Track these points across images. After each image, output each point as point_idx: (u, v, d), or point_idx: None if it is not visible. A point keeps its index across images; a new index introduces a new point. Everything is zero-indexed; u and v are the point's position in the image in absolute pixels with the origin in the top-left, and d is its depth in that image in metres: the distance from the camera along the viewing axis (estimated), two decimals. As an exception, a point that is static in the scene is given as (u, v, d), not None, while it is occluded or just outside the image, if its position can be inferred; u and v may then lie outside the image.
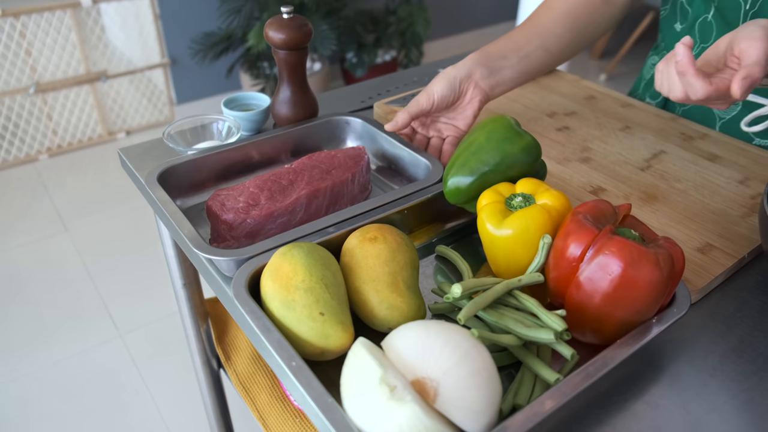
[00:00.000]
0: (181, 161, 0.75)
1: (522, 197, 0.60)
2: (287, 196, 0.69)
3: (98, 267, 1.97)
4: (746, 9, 0.77)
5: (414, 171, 0.77)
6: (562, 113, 0.91)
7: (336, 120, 0.85)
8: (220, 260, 0.60)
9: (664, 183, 0.75)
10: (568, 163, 0.79)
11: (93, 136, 2.62)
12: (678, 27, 0.90)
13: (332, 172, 0.73)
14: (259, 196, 0.68)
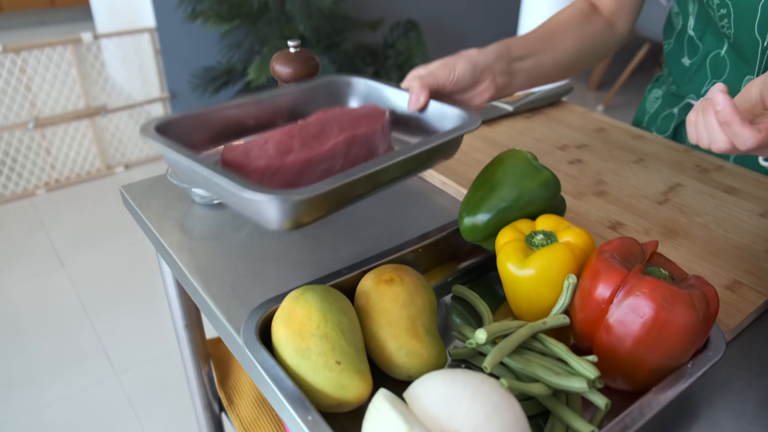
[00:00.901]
0: (175, 117, 0.66)
1: (543, 235, 0.58)
2: (323, 142, 0.61)
3: (95, 303, 1.93)
4: (764, 46, 0.75)
5: (440, 123, 0.69)
6: (573, 146, 0.89)
7: (338, 80, 0.75)
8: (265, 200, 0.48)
9: (683, 217, 0.73)
10: (583, 197, 0.77)
11: (91, 170, 2.60)
12: (687, 62, 0.89)
13: (360, 122, 0.65)
14: (290, 144, 0.59)
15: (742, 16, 0.75)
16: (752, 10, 0.73)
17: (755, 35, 0.75)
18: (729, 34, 0.79)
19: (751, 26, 0.75)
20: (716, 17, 0.79)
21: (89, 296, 1.96)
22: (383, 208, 0.80)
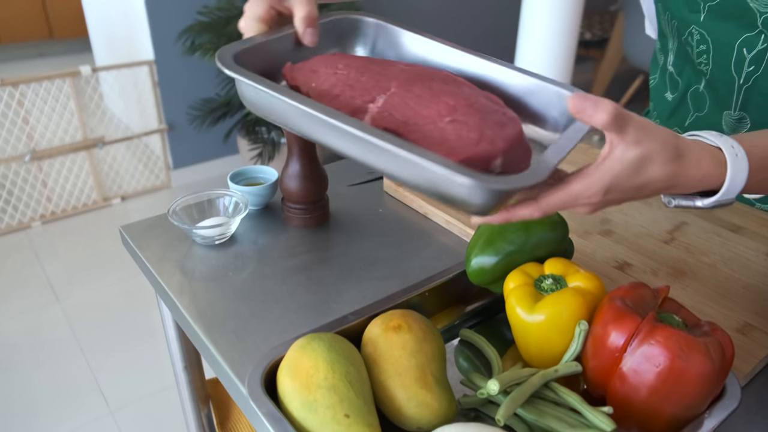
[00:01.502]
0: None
1: (552, 279, 0.57)
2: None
3: (90, 339, 1.90)
4: (740, 83, 0.75)
5: (544, 107, 0.58)
6: (576, 183, 0.89)
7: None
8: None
9: (690, 257, 0.73)
10: (589, 237, 0.77)
11: (88, 202, 2.59)
12: (669, 96, 0.89)
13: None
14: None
15: (720, 53, 0.75)
16: (729, 48, 0.74)
17: (732, 72, 0.76)
18: (706, 71, 0.79)
19: (728, 64, 0.75)
20: (694, 54, 0.79)
21: (84, 331, 1.93)
22: (386, 247, 0.79)
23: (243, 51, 0.56)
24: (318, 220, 0.83)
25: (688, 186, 0.50)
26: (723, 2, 0.70)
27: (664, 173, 0.48)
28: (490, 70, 0.61)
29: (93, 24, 3.21)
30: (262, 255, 0.78)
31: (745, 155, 0.50)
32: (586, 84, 3.88)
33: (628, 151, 0.47)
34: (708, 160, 0.49)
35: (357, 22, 0.66)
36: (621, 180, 0.47)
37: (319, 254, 0.78)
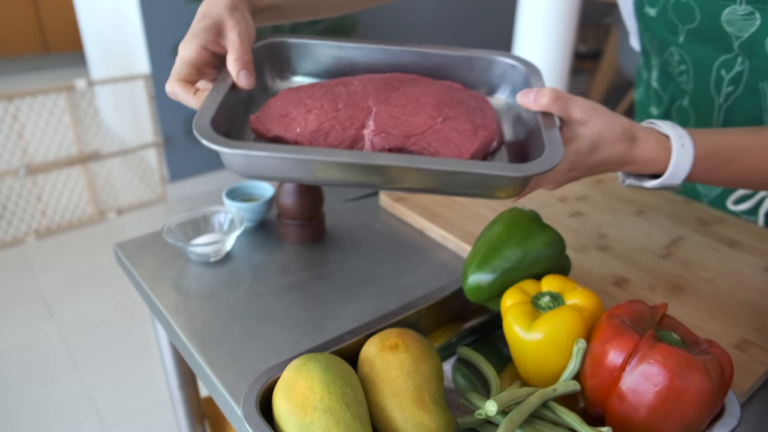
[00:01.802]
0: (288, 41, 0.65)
1: (550, 296, 0.57)
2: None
3: (84, 354, 1.89)
4: (720, 103, 0.76)
5: (478, 77, 0.64)
6: (572, 198, 0.89)
7: (498, 61, 0.65)
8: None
9: (688, 272, 0.72)
10: (586, 252, 0.76)
11: (83, 216, 2.58)
12: (654, 111, 0.90)
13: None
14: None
15: (700, 74, 0.76)
16: (708, 69, 0.74)
17: (711, 92, 0.76)
18: (688, 89, 0.80)
19: (708, 84, 0.76)
20: (675, 73, 0.80)
21: (78, 346, 1.92)
22: (383, 264, 0.78)
23: (214, 116, 0.52)
24: (314, 236, 0.83)
25: (637, 166, 0.56)
26: (700, 26, 0.70)
27: (615, 152, 0.54)
28: (418, 57, 0.65)
29: (88, 37, 3.22)
30: (257, 272, 0.77)
31: (692, 146, 0.55)
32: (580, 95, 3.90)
33: (580, 130, 0.53)
34: (655, 145, 0.55)
35: (278, 45, 0.66)
36: (580, 158, 0.54)
37: (315, 271, 0.77)
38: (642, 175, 0.59)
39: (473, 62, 0.65)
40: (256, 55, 0.63)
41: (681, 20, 0.72)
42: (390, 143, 0.54)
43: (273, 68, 0.67)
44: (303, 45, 0.66)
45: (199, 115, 0.52)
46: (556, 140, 0.51)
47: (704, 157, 0.56)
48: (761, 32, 0.66)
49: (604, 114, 0.54)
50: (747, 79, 0.71)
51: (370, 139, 0.55)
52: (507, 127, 0.63)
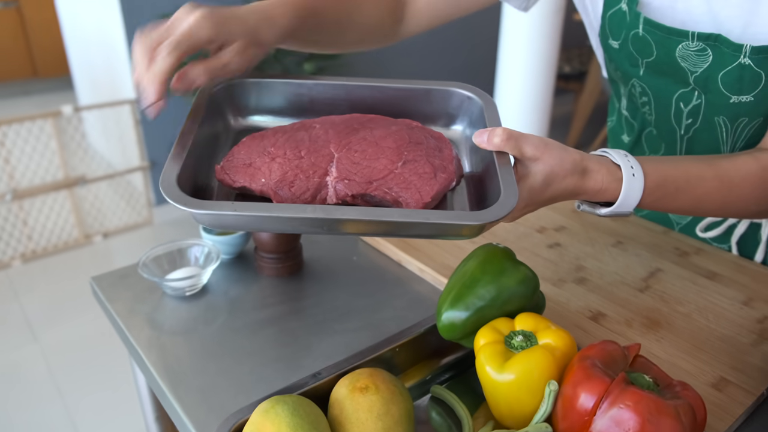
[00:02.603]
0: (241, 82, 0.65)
1: (523, 336, 0.56)
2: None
3: (67, 379, 1.86)
4: (681, 134, 0.77)
5: (436, 109, 0.66)
6: (551, 228, 0.89)
7: (455, 93, 0.66)
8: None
9: (665, 306, 0.72)
10: (563, 285, 0.76)
11: (69, 239, 2.56)
12: (625, 138, 0.91)
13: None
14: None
15: (660, 106, 0.77)
16: (668, 101, 0.75)
17: (673, 124, 0.77)
18: (651, 120, 0.81)
19: (669, 116, 0.77)
20: (639, 103, 0.81)
21: (62, 371, 1.89)
22: (360, 297, 0.78)
23: (178, 174, 0.52)
24: (291, 269, 0.82)
25: (589, 196, 0.58)
26: (657, 60, 0.71)
27: (567, 185, 0.56)
28: (376, 91, 0.66)
29: (75, 63, 3.22)
30: (233, 306, 0.76)
31: (642, 176, 0.57)
32: (566, 116, 3.93)
33: (533, 167, 0.55)
34: (606, 175, 0.57)
35: (238, 86, 0.66)
36: (534, 194, 0.55)
37: (292, 305, 0.76)
38: (596, 202, 0.61)
39: (431, 94, 0.66)
40: (217, 97, 0.64)
41: (640, 54, 0.72)
42: (352, 190, 0.55)
43: (234, 108, 0.67)
44: (262, 84, 0.66)
45: (165, 173, 0.52)
46: (511, 182, 0.52)
47: (654, 186, 0.58)
48: (714, 68, 0.67)
49: (556, 149, 0.56)
50: (704, 112, 0.72)
51: (333, 186, 0.55)
52: (465, 158, 0.64)
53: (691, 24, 0.68)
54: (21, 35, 4.11)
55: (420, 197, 0.54)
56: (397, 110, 0.66)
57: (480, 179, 0.59)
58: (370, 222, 0.49)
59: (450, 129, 0.68)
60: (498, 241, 0.86)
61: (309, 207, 0.49)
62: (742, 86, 0.66)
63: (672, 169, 0.60)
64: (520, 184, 0.55)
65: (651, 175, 0.58)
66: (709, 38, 0.65)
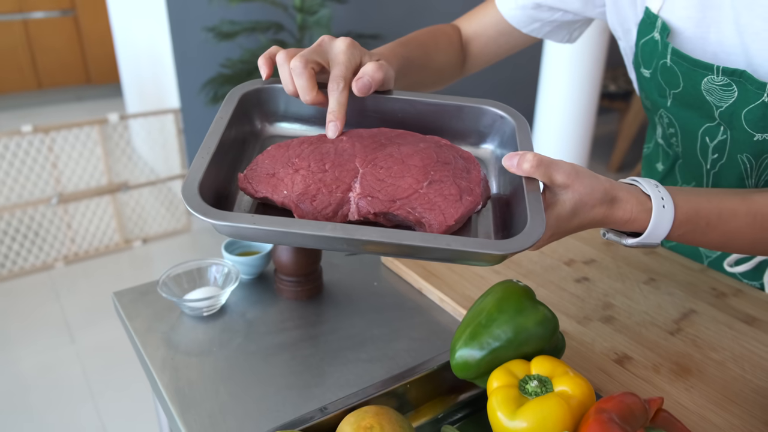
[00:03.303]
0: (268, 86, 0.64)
1: (538, 381, 0.54)
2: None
3: (100, 382, 1.90)
4: (707, 168, 0.74)
5: (466, 127, 0.64)
6: (580, 261, 0.86)
7: (487, 111, 0.64)
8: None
9: (697, 351, 0.68)
10: (588, 323, 0.73)
11: (110, 244, 2.62)
12: (660, 167, 0.89)
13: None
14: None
15: (687, 139, 0.74)
16: (694, 135, 0.72)
17: (699, 158, 0.74)
18: (678, 152, 0.79)
19: (695, 150, 0.74)
20: (666, 135, 0.79)
21: (95, 374, 1.93)
22: (378, 326, 0.76)
23: (201, 181, 0.51)
24: (310, 293, 0.81)
25: (617, 225, 0.57)
26: (684, 92, 0.69)
27: (595, 215, 0.55)
28: (406, 105, 0.64)
29: (125, 72, 3.32)
30: (249, 329, 0.76)
31: (672, 207, 0.56)
32: (610, 135, 3.84)
33: (562, 195, 0.54)
34: (636, 205, 0.56)
35: (268, 91, 0.65)
36: (561, 223, 0.54)
37: (308, 330, 0.75)
38: (623, 231, 0.59)
39: (463, 111, 0.64)
40: (246, 102, 0.63)
41: (668, 84, 0.70)
42: (375, 207, 0.53)
43: (262, 114, 0.66)
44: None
45: (187, 181, 0.51)
46: (539, 210, 0.50)
47: (685, 219, 0.57)
48: (739, 104, 0.64)
49: (586, 178, 0.55)
50: (729, 148, 0.69)
51: (356, 202, 0.54)
52: (493, 179, 0.62)
53: (722, 56, 0.66)
54: (77, 43, 4.27)
55: (443, 219, 0.52)
56: (427, 125, 0.64)
57: (507, 203, 0.57)
58: (390, 244, 0.48)
59: (480, 148, 0.66)
60: (523, 272, 0.83)
61: (329, 225, 0.48)
62: (766, 124, 0.63)
63: (704, 203, 0.58)
64: (548, 211, 0.53)
65: (682, 207, 0.57)
66: (734, 74, 0.63)
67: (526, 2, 0.80)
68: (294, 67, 0.56)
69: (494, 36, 0.84)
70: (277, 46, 0.61)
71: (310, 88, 0.57)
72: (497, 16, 0.83)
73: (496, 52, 0.86)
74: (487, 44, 0.85)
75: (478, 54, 0.85)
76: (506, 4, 0.82)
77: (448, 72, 0.83)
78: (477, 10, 0.86)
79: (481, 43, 0.85)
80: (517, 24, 0.82)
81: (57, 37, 4.21)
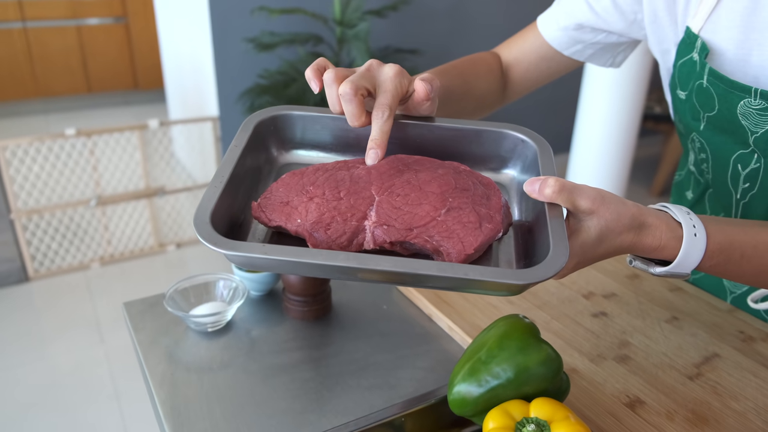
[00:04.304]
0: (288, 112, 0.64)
1: (536, 425, 0.51)
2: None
3: (126, 384, 1.93)
4: (737, 198, 0.71)
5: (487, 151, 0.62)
6: (600, 294, 0.82)
7: (508, 135, 0.62)
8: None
9: (717, 400, 0.64)
10: (602, 362, 0.69)
11: (145, 247, 2.67)
12: (689, 195, 0.86)
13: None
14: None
15: (718, 165, 0.71)
16: (726, 161, 0.69)
17: (729, 186, 0.71)
18: (708, 179, 0.76)
19: (725, 177, 0.71)
20: (698, 160, 0.76)
21: (122, 375, 1.96)
22: (382, 351, 0.74)
23: (213, 210, 0.51)
24: (317, 313, 0.80)
25: (645, 253, 0.54)
26: (719, 115, 0.66)
27: (623, 242, 0.52)
28: (425, 130, 0.62)
29: (169, 78, 3.40)
30: (252, 347, 0.75)
31: (704, 236, 0.53)
32: (654, 158, 3.73)
33: (587, 221, 0.51)
34: (666, 232, 0.53)
35: (284, 118, 0.64)
36: (587, 250, 0.52)
37: (310, 352, 0.74)
38: (650, 259, 0.56)
39: (482, 136, 0.62)
40: (262, 129, 0.63)
41: (702, 107, 0.67)
42: (391, 236, 0.51)
43: (278, 141, 0.65)
44: (308, 117, 0.64)
45: (199, 209, 0.50)
46: (562, 238, 0.48)
47: (718, 250, 0.54)
48: None
49: (612, 203, 0.52)
50: (762, 178, 0.66)
51: (371, 231, 0.52)
52: (515, 204, 0.60)
53: (763, 80, 0.63)
54: (126, 49, 4.40)
55: (462, 248, 0.50)
56: (446, 150, 0.63)
57: (529, 230, 0.55)
58: (405, 274, 0.46)
59: (501, 173, 0.64)
60: (538, 303, 0.80)
61: (341, 254, 0.47)
62: None
63: (739, 233, 0.55)
64: (572, 239, 0.51)
65: (714, 236, 0.54)
66: None
67: (568, 23, 0.78)
68: (343, 93, 0.55)
69: (535, 61, 0.83)
70: (324, 59, 0.60)
71: (359, 114, 0.56)
72: (538, 40, 0.82)
73: (537, 78, 0.85)
74: (528, 70, 0.84)
75: (518, 80, 0.84)
76: (548, 26, 0.80)
77: (488, 100, 0.82)
78: (517, 37, 0.85)
79: (522, 69, 0.84)
80: (559, 46, 0.80)
81: (108, 43, 4.35)
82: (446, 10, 2.95)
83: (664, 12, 0.70)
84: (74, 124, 3.28)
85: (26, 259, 2.42)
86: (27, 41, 4.13)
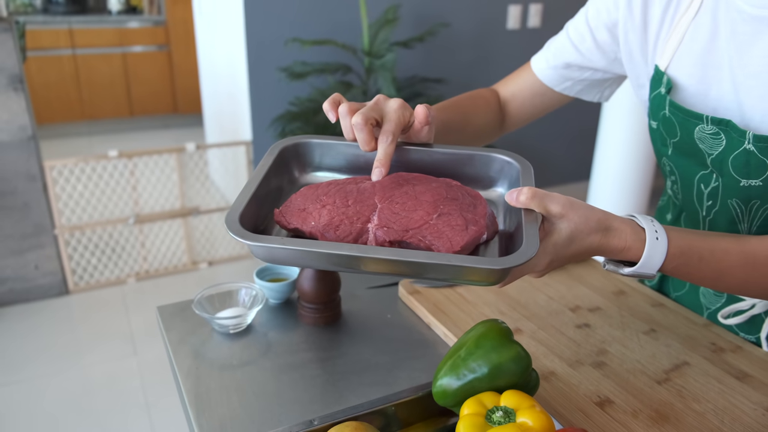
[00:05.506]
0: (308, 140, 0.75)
1: (503, 412, 0.59)
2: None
3: (156, 396, 2.03)
4: (703, 215, 0.79)
5: (477, 173, 0.73)
6: (586, 308, 0.89)
7: (495, 158, 0.72)
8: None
9: (680, 401, 0.70)
10: (579, 367, 0.76)
11: (178, 264, 2.81)
12: (669, 217, 0.94)
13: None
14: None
15: (685, 186, 0.79)
16: (691, 182, 0.77)
17: (696, 205, 0.79)
18: (678, 199, 0.83)
19: (692, 197, 0.79)
20: (671, 183, 0.83)
21: (153, 387, 2.07)
22: (383, 354, 0.83)
23: (243, 211, 0.61)
24: (328, 319, 0.89)
25: (613, 254, 0.62)
26: (681, 141, 0.75)
27: (591, 242, 0.60)
28: (424, 155, 0.72)
29: (207, 103, 3.58)
30: (268, 349, 0.84)
31: (666, 240, 0.61)
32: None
33: (558, 224, 0.59)
34: (631, 235, 0.61)
35: (304, 145, 0.75)
36: (559, 249, 0.60)
37: (319, 354, 0.83)
38: (621, 262, 0.64)
39: (474, 159, 0.72)
40: (286, 154, 0.73)
41: (668, 134, 0.77)
42: (390, 236, 0.61)
43: (300, 164, 0.76)
44: (325, 145, 0.75)
45: (230, 212, 0.61)
46: (533, 235, 0.57)
47: (678, 252, 0.62)
48: (726, 152, 0.69)
49: (581, 208, 0.60)
50: (721, 194, 0.74)
51: (373, 232, 0.62)
52: (502, 217, 0.69)
53: (721, 111, 0.71)
54: (168, 76, 4.64)
55: (450, 246, 0.59)
56: (442, 172, 0.73)
57: (511, 236, 0.64)
58: (398, 261, 0.55)
59: (491, 190, 0.73)
60: (527, 314, 0.88)
61: (346, 245, 0.56)
62: (749, 170, 0.68)
63: (698, 240, 0.63)
64: (546, 239, 0.59)
65: (675, 240, 0.62)
66: (720, 123, 0.69)
67: (557, 62, 0.88)
68: (356, 123, 0.66)
69: (530, 97, 0.93)
70: (338, 94, 0.71)
71: (369, 140, 0.67)
72: (531, 78, 0.91)
73: (531, 112, 0.94)
74: (523, 104, 0.93)
75: (515, 114, 0.94)
76: (540, 65, 0.90)
77: (486, 132, 0.91)
78: (513, 75, 0.95)
79: (517, 104, 0.93)
80: (550, 83, 0.90)
81: (151, 69, 4.59)
82: (470, 41, 3.06)
83: (637, 51, 0.79)
84: (116, 146, 3.48)
85: (67, 273, 2.57)
86: (76, 67, 4.39)
